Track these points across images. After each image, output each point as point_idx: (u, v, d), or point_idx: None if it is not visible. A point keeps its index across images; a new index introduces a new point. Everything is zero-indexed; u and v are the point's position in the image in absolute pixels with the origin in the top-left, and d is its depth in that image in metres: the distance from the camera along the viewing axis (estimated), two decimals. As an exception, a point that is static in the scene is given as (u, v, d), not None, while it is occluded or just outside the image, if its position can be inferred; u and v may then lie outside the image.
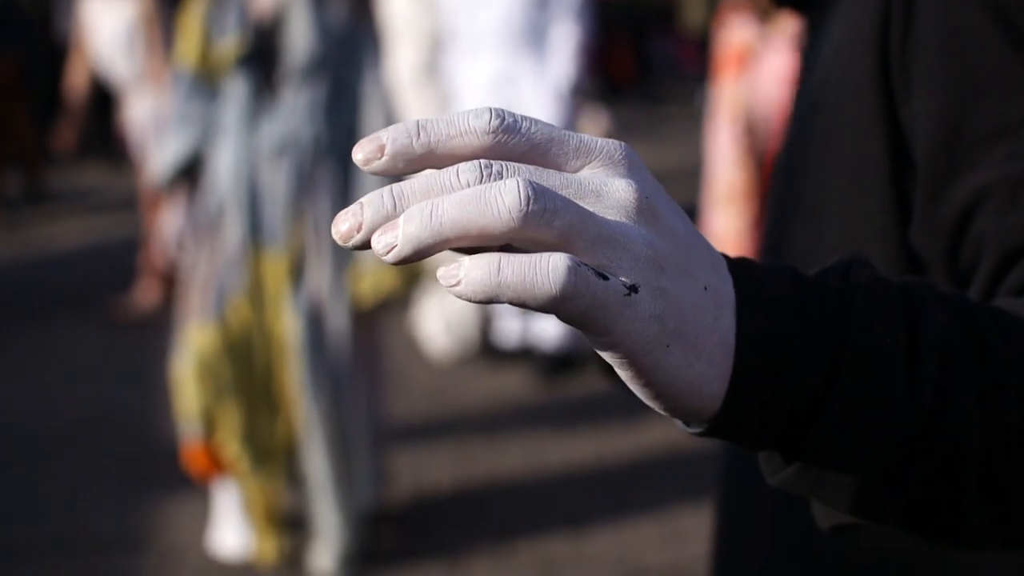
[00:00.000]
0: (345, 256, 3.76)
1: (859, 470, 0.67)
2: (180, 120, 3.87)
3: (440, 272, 0.58)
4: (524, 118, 0.63)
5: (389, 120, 3.76)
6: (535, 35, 5.30)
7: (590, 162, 0.63)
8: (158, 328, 6.47)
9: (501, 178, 0.59)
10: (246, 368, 3.79)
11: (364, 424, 3.93)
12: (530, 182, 0.58)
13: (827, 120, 1.00)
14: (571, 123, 5.49)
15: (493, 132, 0.62)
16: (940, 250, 0.92)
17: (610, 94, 11.87)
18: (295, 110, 3.70)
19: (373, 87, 3.77)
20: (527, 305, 0.58)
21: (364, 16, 3.83)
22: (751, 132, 5.25)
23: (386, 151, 0.61)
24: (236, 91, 3.75)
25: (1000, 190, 0.86)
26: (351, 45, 3.76)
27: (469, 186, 0.59)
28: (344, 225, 0.60)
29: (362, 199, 0.60)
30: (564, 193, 0.60)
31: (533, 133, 0.62)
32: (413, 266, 3.78)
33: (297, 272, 3.75)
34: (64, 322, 6.76)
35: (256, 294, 3.77)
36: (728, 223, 5.20)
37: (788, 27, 5.12)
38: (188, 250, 3.91)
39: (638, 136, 10.45)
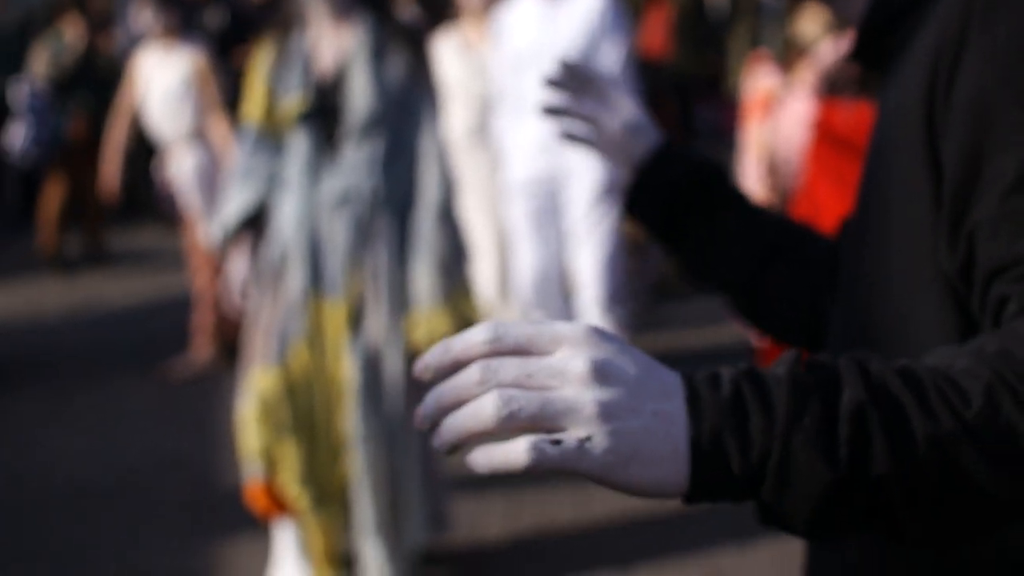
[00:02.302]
0: (401, 305, 3.91)
1: (803, 514, 0.90)
2: (244, 174, 4.03)
3: (468, 458, 0.91)
4: (513, 325, 0.91)
5: (445, 176, 3.93)
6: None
7: (561, 346, 0.90)
8: (213, 381, 6.64)
9: (496, 375, 0.89)
10: (307, 411, 3.93)
11: (418, 468, 4.05)
12: (501, 395, 0.87)
13: (889, 164, 1.18)
14: (615, 183, 5.60)
15: (489, 342, 0.90)
16: (961, 282, 1.10)
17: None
18: (355, 164, 3.87)
19: (430, 144, 3.93)
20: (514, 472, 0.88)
21: (423, 75, 3.98)
22: (774, 172, 5.47)
23: (430, 367, 0.92)
24: (299, 146, 3.92)
25: (987, 223, 1.04)
26: (409, 103, 3.93)
27: (478, 382, 0.89)
28: (420, 413, 0.92)
29: (426, 398, 0.92)
30: (538, 375, 0.89)
31: (518, 336, 0.91)
32: (467, 314, 3.92)
33: (355, 320, 3.90)
34: (121, 376, 6.93)
35: (316, 340, 3.92)
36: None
37: (807, 76, 5.30)
38: (252, 298, 4.06)
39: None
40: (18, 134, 9.02)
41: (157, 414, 6.33)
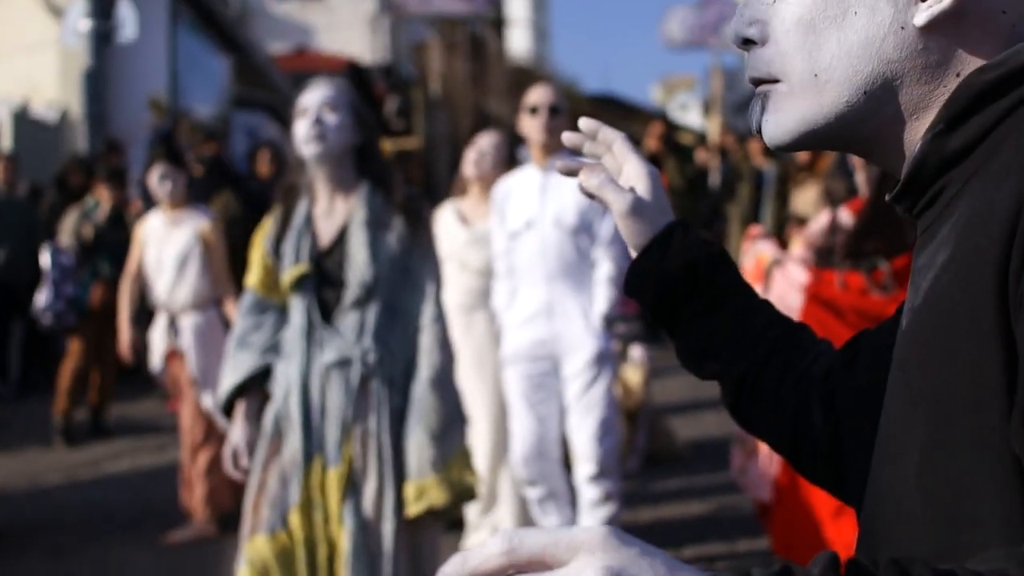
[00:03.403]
0: (397, 473, 3.95)
1: None
2: (241, 342, 4.12)
3: None
4: (529, 535, 0.89)
5: (442, 343, 4.01)
6: (579, 267, 5.51)
7: (579, 552, 0.88)
8: (212, 548, 6.61)
9: None
10: (304, 576, 3.94)
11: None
12: None
13: (944, 327, 1.08)
14: (611, 358, 5.64)
15: (506, 552, 0.88)
16: None
17: (654, 332, 12.06)
18: (352, 332, 3.94)
19: (428, 311, 4.02)
20: None
21: (422, 243, 4.08)
22: None
23: None
24: (298, 313, 4.01)
25: None
26: (408, 271, 4.03)
27: None
28: None
29: None
30: None
31: (533, 545, 0.88)
32: (463, 483, 3.95)
33: (351, 486, 3.94)
34: (120, 543, 6.88)
35: (313, 507, 3.94)
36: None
37: (799, 250, 5.41)
38: (248, 464, 4.10)
39: (674, 372, 10.62)
40: (41, 300, 9.12)
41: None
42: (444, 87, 28.97)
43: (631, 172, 1.62)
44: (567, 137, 1.67)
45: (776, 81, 1.24)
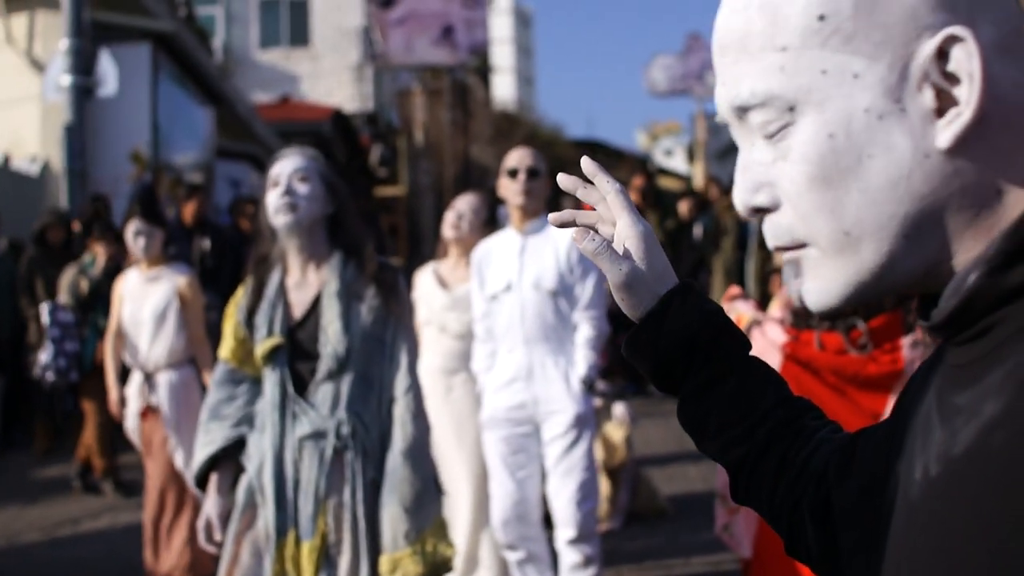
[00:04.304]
0: (369, 543, 3.91)
1: None
2: (213, 415, 4.09)
3: None
4: None
5: (417, 413, 3.97)
6: (558, 330, 5.49)
7: None
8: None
9: None
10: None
11: None
12: None
13: (1001, 482, 0.98)
14: (591, 420, 5.61)
15: None
16: None
17: (637, 388, 12.06)
18: (326, 403, 3.92)
19: (403, 381, 3.99)
20: None
21: (397, 312, 4.05)
22: None
23: None
24: (270, 385, 3.99)
25: None
26: (382, 340, 4.00)
27: None
28: None
29: None
30: None
31: None
32: (439, 554, 3.91)
33: (324, 558, 3.89)
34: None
35: (287, 580, 3.91)
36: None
37: (777, 311, 5.41)
38: (221, 537, 4.06)
39: (657, 423, 10.61)
40: (42, 358, 9.08)
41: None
42: (428, 135, 29.07)
43: (623, 231, 1.52)
44: (562, 179, 1.59)
45: (804, 245, 1.16)
